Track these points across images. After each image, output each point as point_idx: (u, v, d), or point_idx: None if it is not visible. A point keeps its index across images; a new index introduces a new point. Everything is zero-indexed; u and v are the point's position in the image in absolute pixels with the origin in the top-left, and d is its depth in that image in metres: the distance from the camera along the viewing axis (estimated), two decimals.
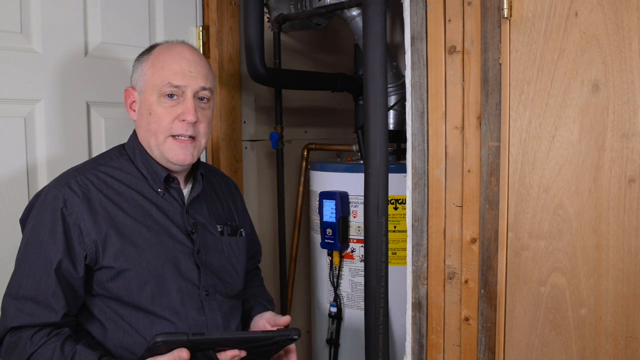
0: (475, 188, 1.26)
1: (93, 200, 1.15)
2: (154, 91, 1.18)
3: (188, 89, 1.18)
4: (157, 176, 1.22)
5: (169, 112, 1.18)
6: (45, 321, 1.07)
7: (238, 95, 2.03)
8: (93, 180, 1.17)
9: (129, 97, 1.25)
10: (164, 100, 1.18)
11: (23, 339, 1.06)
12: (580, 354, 1.13)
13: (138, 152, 1.23)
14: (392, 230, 1.71)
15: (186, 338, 0.99)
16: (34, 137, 1.49)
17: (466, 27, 1.24)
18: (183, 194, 1.26)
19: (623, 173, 1.06)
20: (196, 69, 1.20)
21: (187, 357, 0.99)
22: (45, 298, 1.08)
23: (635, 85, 1.04)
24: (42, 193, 1.16)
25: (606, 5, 1.05)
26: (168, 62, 1.19)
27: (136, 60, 1.26)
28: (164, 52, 1.21)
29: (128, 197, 1.19)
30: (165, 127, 1.18)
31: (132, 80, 1.25)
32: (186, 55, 1.20)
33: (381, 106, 1.22)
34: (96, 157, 1.28)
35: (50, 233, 1.10)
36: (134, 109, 1.25)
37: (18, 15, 1.45)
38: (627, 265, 1.07)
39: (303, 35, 2.42)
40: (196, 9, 1.90)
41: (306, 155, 2.27)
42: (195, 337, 1.00)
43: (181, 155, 1.19)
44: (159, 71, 1.18)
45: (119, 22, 1.66)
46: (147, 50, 1.25)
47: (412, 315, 1.38)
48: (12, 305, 1.09)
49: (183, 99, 1.18)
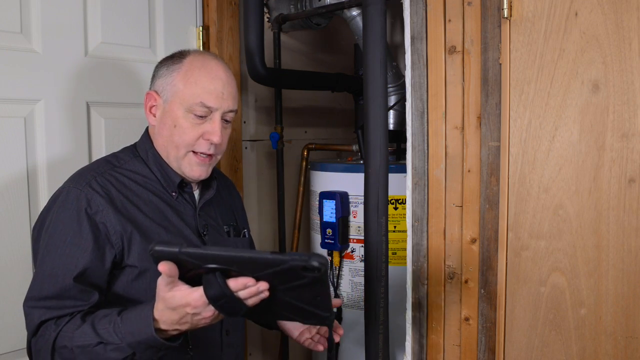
0: (475, 188, 1.26)
1: (115, 200, 1.14)
2: (183, 105, 1.16)
3: (218, 110, 1.17)
4: (171, 181, 1.22)
5: (194, 129, 1.17)
6: (73, 311, 1.06)
7: (238, 95, 2.03)
8: (112, 181, 1.16)
9: (150, 101, 1.22)
10: (192, 117, 1.16)
11: (49, 327, 1.05)
12: (580, 354, 1.13)
13: (152, 156, 1.22)
14: (392, 230, 1.71)
15: (178, 250, 0.85)
16: (34, 137, 1.49)
17: (466, 27, 1.24)
18: (195, 197, 1.27)
19: (623, 173, 1.06)
20: (228, 91, 1.19)
21: (169, 272, 0.87)
22: (71, 294, 1.06)
23: (635, 85, 1.04)
24: (61, 193, 1.14)
25: (606, 5, 1.05)
26: (202, 80, 1.16)
27: (163, 66, 1.21)
28: (198, 66, 1.18)
29: (145, 198, 1.18)
30: (188, 142, 1.17)
31: (157, 84, 1.21)
32: (221, 75, 1.18)
33: (381, 106, 1.22)
34: (108, 157, 1.26)
35: (75, 233, 1.09)
36: (154, 113, 1.22)
37: (18, 15, 1.45)
38: (627, 265, 1.07)
39: (303, 35, 2.42)
40: (196, 9, 1.90)
41: (306, 155, 2.27)
42: (189, 249, 0.86)
43: (197, 172, 1.20)
44: (192, 87, 1.16)
45: (119, 22, 1.66)
46: (177, 56, 1.21)
47: (412, 315, 1.38)
48: (37, 306, 1.07)
49: (211, 118, 1.17)
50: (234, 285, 0.86)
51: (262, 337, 2.24)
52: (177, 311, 0.93)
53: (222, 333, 1.23)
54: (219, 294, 0.88)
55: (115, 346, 0.99)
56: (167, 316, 0.95)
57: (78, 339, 1.01)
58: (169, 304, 0.93)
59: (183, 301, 0.91)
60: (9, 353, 1.43)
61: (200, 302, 0.89)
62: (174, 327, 0.96)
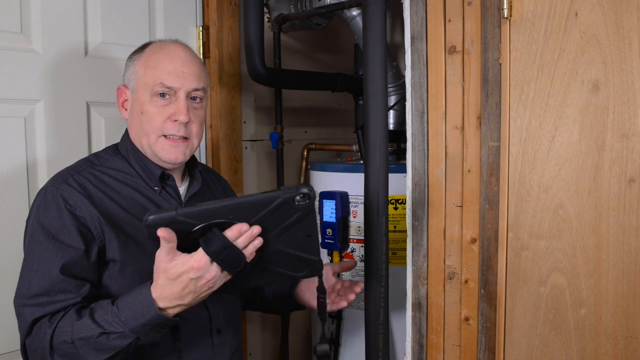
0: (475, 188, 1.26)
1: (92, 196, 1.14)
2: (146, 90, 1.18)
3: (181, 89, 1.17)
4: (152, 174, 1.22)
5: (161, 112, 1.17)
6: (65, 304, 1.06)
7: (238, 95, 2.03)
8: (90, 178, 1.17)
9: (121, 96, 1.25)
10: (156, 100, 1.17)
11: (43, 325, 1.05)
12: (580, 354, 1.13)
13: (131, 151, 1.23)
14: (392, 230, 1.71)
15: (174, 213, 0.88)
16: (34, 137, 1.49)
17: (466, 27, 1.24)
18: (179, 192, 1.26)
19: (623, 173, 1.06)
20: (189, 69, 1.19)
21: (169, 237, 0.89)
22: (60, 287, 1.06)
23: (635, 85, 1.04)
24: (41, 193, 1.16)
25: (606, 5, 1.05)
26: (161, 61, 1.18)
27: (128, 59, 1.25)
28: (157, 50, 1.20)
29: (126, 194, 1.19)
30: (157, 126, 1.17)
31: (125, 78, 1.24)
32: (179, 55, 1.19)
33: (381, 106, 1.22)
34: (89, 157, 1.27)
35: (57, 228, 1.09)
36: (126, 107, 1.24)
37: (18, 15, 1.45)
38: (627, 265, 1.07)
39: (303, 35, 2.42)
40: (196, 9, 1.90)
41: (306, 155, 2.27)
42: (185, 209, 0.89)
43: (173, 154, 1.19)
44: (152, 70, 1.17)
45: (119, 22, 1.66)
46: (139, 48, 1.24)
47: (412, 315, 1.38)
48: (27, 305, 1.07)
49: (175, 99, 1.17)
50: (230, 234, 0.91)
51: (262, 337, 2.24)
52: (179, 280, 0.93)
53: (212, 332, 1.22)
54: (219, 247, 0.91)
55: (119, 334, 0.99)
56: (168, 290, 0.95)
57: (79, 331, 1.01)
58: (170, 274, 0.93)
59: (186, 266, 0.92)
60: (9, 353, 1.43)
61: (202, 262, 0.91)
62: (175, 302, 0.97)
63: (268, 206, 0.90)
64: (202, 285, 0.95)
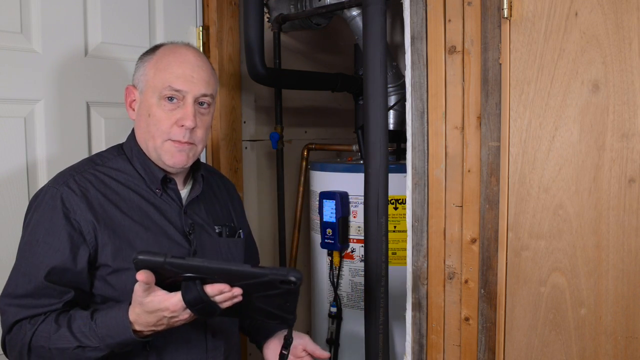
0: (475, 188, 1.26)
1: (91, 199, 1.14)
2: (155, 93, 1.17)
3: (189, 94, 1.17)
4: (154, 177, 1.21)
5: (168, 116, 1.17)
6: (47, 309, 1.09)
7: (238, 95, 2.03)
8: (91, 179, 1.17)
9: (129, 96, 1.25)
10: (164, 103, 1.17)
11: (24, 325, 1.08)
12: (580, 354, 1.13)
13: (135, 153, 1.23)
14: (392, 230, 1.71)
15: (163, 260, 0.90)
16: (34, 137, 1.49)
17: (466, 27, 1.24)
18: (181, 195, 1.26)
19: (623, 173, 1.06)
20: (199, 75, 1.18)
21: (147, 280, 0.92)
22: (44, 293, 1.09)
23: (635, 85, 1.04)
24: (40, 193, 1.16)
25: (606, 5, 1.05)
26: (171, 65, 1.17)
27: (139, 59, 1.25)
28: (168, 53, 1.20)
29: (126, 197, 1.19)
30: (163, 130, 1.17)
31: (134, 79, 1.24)
32: (190, 59, 1.19)
33: (381, 106, 1.22)
34: (93, 156, 1.27)
35: (48, 232, 1.10)
36: (133, 108, 1.24)
37: (18, 15, 1.45)
38: (627, 265, 1.07)
39: (303, 35, 2.42)
40: (196, 9, 1.90)
41: (306, 155, 2.27)
42: (174, 259, 0.91)
43: (177, 158, 1.19)
44: (161, 73, 1.17)
45: (119, 22, 1.66)
46: (151, 50, 1.24)
47: (412, 315, 1.38)
48: (12, 304, 1.09)
49: (183, 103, 1.17)
50: (211, 290, 0.93)
51: None
52: (154, 314, 0.99)
53: (206, 335, 1.22)
54: (197, 299, 0.95)
55: (94, 348, 1.04)
56: (143, 319, 1.00)
57: (56, 341, 1.05)
58: (146, 308, 0.98)
59: (161, 305, 0.97)
60: None
61: (178, 307, 0.96)
62: (150, 328, 1.02)
63: (253, 279, 0.93)
64: (175, 322, 1.01)
